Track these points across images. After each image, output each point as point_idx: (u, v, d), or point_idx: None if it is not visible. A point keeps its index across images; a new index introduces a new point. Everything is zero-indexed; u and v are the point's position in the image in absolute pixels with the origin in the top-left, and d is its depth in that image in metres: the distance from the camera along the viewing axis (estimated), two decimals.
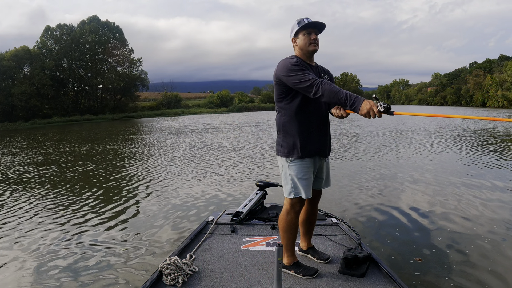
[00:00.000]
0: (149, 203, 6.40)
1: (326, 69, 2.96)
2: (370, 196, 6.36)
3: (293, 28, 2.72)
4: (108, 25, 57.35)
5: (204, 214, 5.45)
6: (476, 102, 79.26)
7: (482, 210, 5.50)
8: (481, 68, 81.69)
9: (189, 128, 25.56)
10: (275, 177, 8.03)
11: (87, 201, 6.65)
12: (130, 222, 5.39)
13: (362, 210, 5.57)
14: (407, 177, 7.83)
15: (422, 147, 12.68)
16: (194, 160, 11.06)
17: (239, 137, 17.96)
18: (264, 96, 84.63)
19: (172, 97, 67.71)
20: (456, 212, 5.39)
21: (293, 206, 2.72)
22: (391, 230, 4.73)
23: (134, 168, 10.07)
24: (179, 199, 6.50)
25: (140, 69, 60.44)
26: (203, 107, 68.45)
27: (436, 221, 5.04)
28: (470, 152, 11.51)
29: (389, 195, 6.40)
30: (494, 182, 7.25)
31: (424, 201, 5.99)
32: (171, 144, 15.60)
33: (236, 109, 66.01)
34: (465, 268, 3.63)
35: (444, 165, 9.27)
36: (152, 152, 13.41)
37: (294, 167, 2.68)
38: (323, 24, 2.67)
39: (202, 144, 15.26)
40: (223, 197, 6.55)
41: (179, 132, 22.98)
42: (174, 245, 4.25)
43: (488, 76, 75.07)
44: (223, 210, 4.31)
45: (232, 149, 13.35)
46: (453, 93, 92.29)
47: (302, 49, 2.71)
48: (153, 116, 54.68)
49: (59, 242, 4.60)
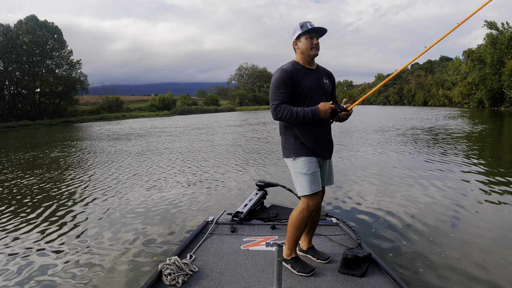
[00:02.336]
0: (149, 203, 6.34)
1: (329, 72, 3.02)
2: (369, 196, 6.33)
3: (295, 31, 2.77)
4: (47, 26, 53.83)
5: (204, 214, 5.43)
6: (418, 101, 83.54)
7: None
8: (422, 68, 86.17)
9: (149, 132, 24.30)
10: (275, 177, 7.94)
11: (85, 202, 6.58)
12: (130, 222, 5.33)
13: (362, 210, 5.55)
14: (404, 176, 7.85)
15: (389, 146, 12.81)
16: (187, 161, 10.83)
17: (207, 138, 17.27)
18: (207, 99, 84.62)
19: (113, 100, 64.83)
20: (461, 211, 5.38)
21: (307, 205, 2.74)
22: (391, 230, 4.71)
23: (134, 169, 9.78)
24: (178, 199, 6.46)
25: (79, 71, 57.46)
26: (145, 111, 66.40)
27: (435, 220, 5.02)
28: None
29: (389, 195, 6.37)
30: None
31: (423, 200, 6.01)
32: (155, 148, 14.72)
33: (178, 112, 65.12)
34: (466, 268, 3.59)
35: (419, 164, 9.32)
36: (144, 154, 12.94)
37: (298, 164, 2.76)
38: (325, 30, 2.77)
39: (194, 145, 14.85)
40: (223, 197, 6.52)
41: (146, 135, 21.89)
42: (174, 245, 4.25)
43: (430, 76, 79.41)
44: (223, 210, 4.29)
45: (225, 149, 13.10)
46: (395, 93, 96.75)
47: (304, 52, 2.78)
48: (93, 120, 52.06)
49: (62, 242, 4.62)
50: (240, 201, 5.75)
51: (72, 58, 56.26)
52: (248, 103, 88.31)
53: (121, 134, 23.54)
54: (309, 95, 2.75)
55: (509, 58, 45.50)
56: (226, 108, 77.24)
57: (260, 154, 11.71)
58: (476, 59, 54.10)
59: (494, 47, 47.39)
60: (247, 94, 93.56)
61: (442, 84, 74.30)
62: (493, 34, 48.09)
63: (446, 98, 70.40)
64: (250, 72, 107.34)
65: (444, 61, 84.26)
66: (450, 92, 68.74)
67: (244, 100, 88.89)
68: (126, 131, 25.71)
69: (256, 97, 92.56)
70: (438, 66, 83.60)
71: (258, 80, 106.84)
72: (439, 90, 74.12)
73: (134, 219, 5.46)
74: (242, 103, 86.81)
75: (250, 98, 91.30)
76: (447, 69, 73.84)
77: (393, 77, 4.02)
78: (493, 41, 47.65)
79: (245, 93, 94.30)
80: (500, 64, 47.90)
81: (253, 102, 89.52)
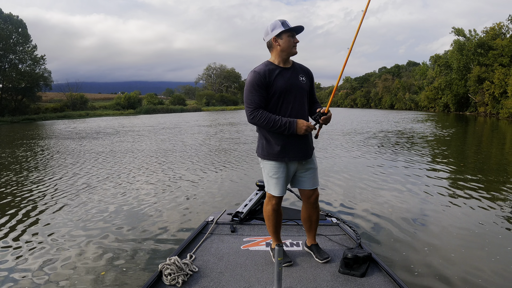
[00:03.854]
0: (148, 203, 6.20)
1: (307, 69, 2.97)
2: (369, 197, 6.42)
3: (275, 28, 2.72)
4: (11, 19, 51.55)
5: (204, 214, 5.40)
6: (385, 105, 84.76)
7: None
8: (389, 72, 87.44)
9: (123, 131, 23.36)
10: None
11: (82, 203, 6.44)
12: (130, 222, 5.24)
13: (362, 211, 5.58)
14: (400, 178, 7.93)
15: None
16: (185, 161, 10.67)
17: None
18: (174, 98, 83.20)
19: (77, 98, 63.38)
20: (463, 211, 5.52)
21: (269, 200, 2.94)
22: (391, 230, 4.74)
23: (134, 170, 9.45)
24: (178, 199, 6.41)
25: (43, 67, 55.64)
26: (110, 109, 65.20)
27: (435, 220, 5.14)
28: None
29: (388, 195, 6.45)
30: None
31: (422, 200, 6.16)
32: (147, 148, 14.10)
33: (143, 111, 64.17)
34: (467, 268, 3.65)
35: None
36: (132, 152, 12.74)
37: (266, 166, 2.86)
38: (303, 28, 2.77)
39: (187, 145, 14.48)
40: (223, 197, 6.50)
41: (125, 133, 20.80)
42: (174, 245, 4.25)
43: (397, 80, 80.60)
44: (223, 210, 4.27)
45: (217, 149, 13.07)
46: (362, 96, 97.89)
47: (285, 50, 2.75)
48: (55, 118, 50.11)
49: (58, 239, 4.56)
50: (240, 201, 5.82)
51: (36, 54, 54.47)
52: (215, 103, 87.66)
53: (90, 132, 22.71)
54: (282, 95, 2.73)
55: (475, 64, 46.31)
56: (192, 108, 76.36)
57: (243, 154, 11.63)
58: (442, 64, 55.03)
59: (461, 53, 48.14)
60: (215, 94, 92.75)
61: (409, 88, 75.55)
62: (460, 41, 48.87)
63: (412, 102, 71.55)
64: (218, 72, 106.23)
65: (411, 65, 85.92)
66: (416, 96, 69.90)
67: (211, 100, 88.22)
68: (95, 130, 24.81)
69: (223, 98, 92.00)
70: (405, 70, 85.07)
71: (226, 81, 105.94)
72: (405, 94, 75.29)
73: (134, 219, 5.39)
74: (209, 103, 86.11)
75: (217, 98, 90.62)
76: (414, 74, 75.22)
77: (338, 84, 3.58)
78: (460, 48, 48.40)
79: (213, 93, 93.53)
80: (466, 70, 48.75)
81: (220, 103, 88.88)
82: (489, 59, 43.47)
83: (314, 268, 2.85)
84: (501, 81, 38.66)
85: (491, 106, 41.88)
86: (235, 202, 5.99)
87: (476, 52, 45.75)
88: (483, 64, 44.78)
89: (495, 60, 42.43)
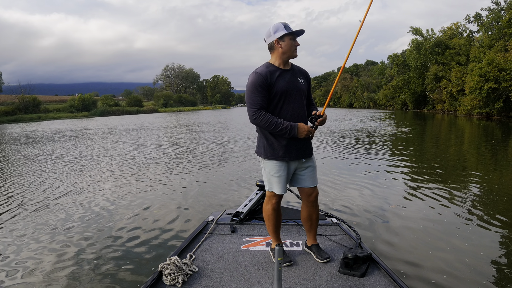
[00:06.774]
0: (148, 204, 6.10)
1: (305, 71, 2.99)
2: (368, 197, 6.34)
3: (278, 31, 2.71)
4: None
5: (204, 214, 5.29)
6: (344, 103, 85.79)
7: None
8: (348, 71, 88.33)
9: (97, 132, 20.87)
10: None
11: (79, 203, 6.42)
12: (129, 222, 5.17)
13: (362, 211, 5.49)
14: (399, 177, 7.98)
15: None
16: (185, 161, 10.67)
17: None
18: (131, 100, 79.86)
19: (30, 100, 59.60)
20: (462, 211, 5.45)
21: (270, 199, 2.92)
22: (391, 230, 4.67)
23: (134, 170, 9.35)
24: (178, 200, 6.33)
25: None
26: (63, 112, 62.00)
27: (434, 219, 5.08)
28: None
29: (388, 196, 6.44)
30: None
31: (421, 200, 6.12)
32: (142, 150, 13.62)
33: (98, 113, 61.56)
34: (466, 268, 3.57)
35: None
36: (139, 156, 12.40)
37: (267, 165, 2.83)
38: (304, 32, 2.79)
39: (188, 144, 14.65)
40: (223, 197, 6.42)
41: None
42: (174, 245, 4.25)
43: (355, 79, 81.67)
44: (223, 210, 4.19)
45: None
46: (322, 95, 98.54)
47: (286, 53, 2.75)
48: (6, 122, 47.26)
49: (58, 239, 4.59)
50: (240, 200, 5.86)
51: None
52: (173, 104, 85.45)
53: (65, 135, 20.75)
54: (283, 96, 2.73)
55: (432, 63, 47.25)
56: (148, 109, 73.87)
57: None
58: (400, 63, 55.96)
59: (419, 52, 48.94)
60: (172, 95, 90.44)
61: (367, 87, 76.69)
62: (418, 40, 49.71)
63: (371, 100, 72.68)
64: (177, 72, 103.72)
65: (369, 65, 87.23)
66: (375, 94, 71.03)
67: (169, 101, 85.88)
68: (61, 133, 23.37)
69: (181, 98, 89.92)
70: (363, 69, 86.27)
71: (184, 81, 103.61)
72: (364, 92, 76.43)
73: (134, 219, 5.35)
74: (167, 104, 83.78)
75: (175, 99, 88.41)
76: (372, 73, 76.38)
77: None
78: (417, 47, 49.21)
79: (171, 94, 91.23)
80: (423, 69, 49.65)
81: (178, 104, 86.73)
82: (446, 57, 44.34)
83: (314, 268, 2.82)
84: (458, 79, 39.45)
85: (449, 103, 42.72)
86: (235, 202, 5.97)
87: (433, 51, 46.62)
88: (441, 62, 45.66)
89: (452, 59, 43.33)
